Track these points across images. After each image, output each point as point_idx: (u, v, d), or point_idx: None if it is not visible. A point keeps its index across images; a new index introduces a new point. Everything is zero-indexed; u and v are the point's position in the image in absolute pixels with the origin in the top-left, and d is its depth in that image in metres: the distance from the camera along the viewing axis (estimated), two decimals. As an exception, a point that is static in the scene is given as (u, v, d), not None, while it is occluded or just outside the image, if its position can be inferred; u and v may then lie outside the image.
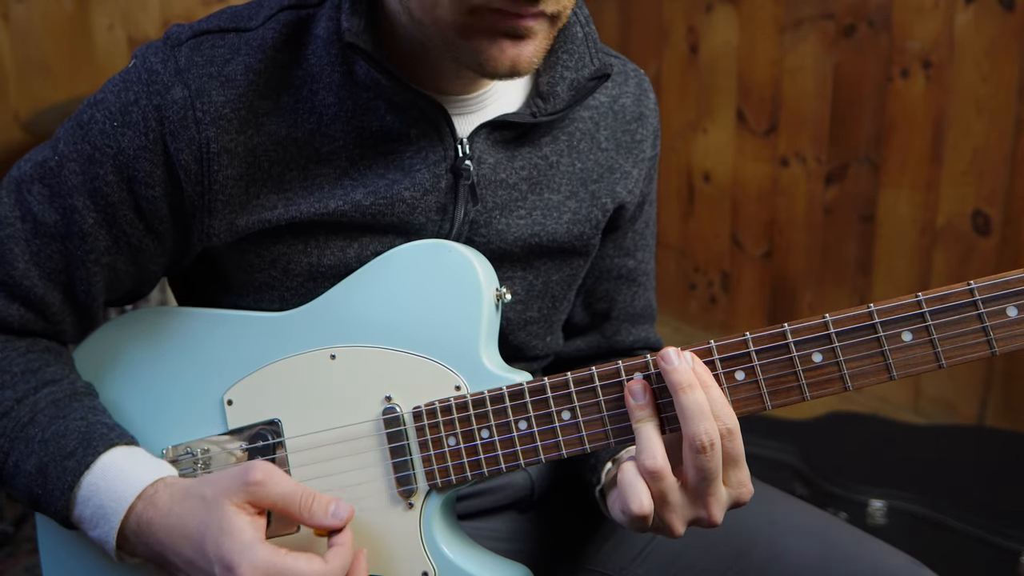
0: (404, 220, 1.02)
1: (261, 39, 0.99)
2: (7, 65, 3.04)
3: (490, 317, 0.99)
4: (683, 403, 0.86)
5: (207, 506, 0.91)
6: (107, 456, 0.97)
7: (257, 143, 0.98)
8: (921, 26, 2.59)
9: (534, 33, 0.91)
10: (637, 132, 1.16)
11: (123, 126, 0.97)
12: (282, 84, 0.99)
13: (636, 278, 1.24)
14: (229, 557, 0.87)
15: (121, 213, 0.99)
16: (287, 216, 1.00)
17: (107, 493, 0.95)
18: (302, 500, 0.90)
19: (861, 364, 0.87)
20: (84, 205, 0.99)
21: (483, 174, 1.04)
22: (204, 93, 0.96)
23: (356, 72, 0.99)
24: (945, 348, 0.85)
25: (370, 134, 1.00)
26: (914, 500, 2.10)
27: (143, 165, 0.97)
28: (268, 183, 1.00)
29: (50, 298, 1.03)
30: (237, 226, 1.00)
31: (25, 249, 1.00)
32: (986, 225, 2.53)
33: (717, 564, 1.11)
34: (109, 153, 0.97)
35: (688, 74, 3.32)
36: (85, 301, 1.04)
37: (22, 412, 0.99)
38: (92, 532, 0.96)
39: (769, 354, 0.89)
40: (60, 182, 0.99)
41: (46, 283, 1.01)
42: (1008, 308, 0.84)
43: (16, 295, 1.02)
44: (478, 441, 0.95)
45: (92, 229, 1.00)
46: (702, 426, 0.86)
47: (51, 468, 0.96)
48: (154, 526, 0.93)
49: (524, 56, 0.91)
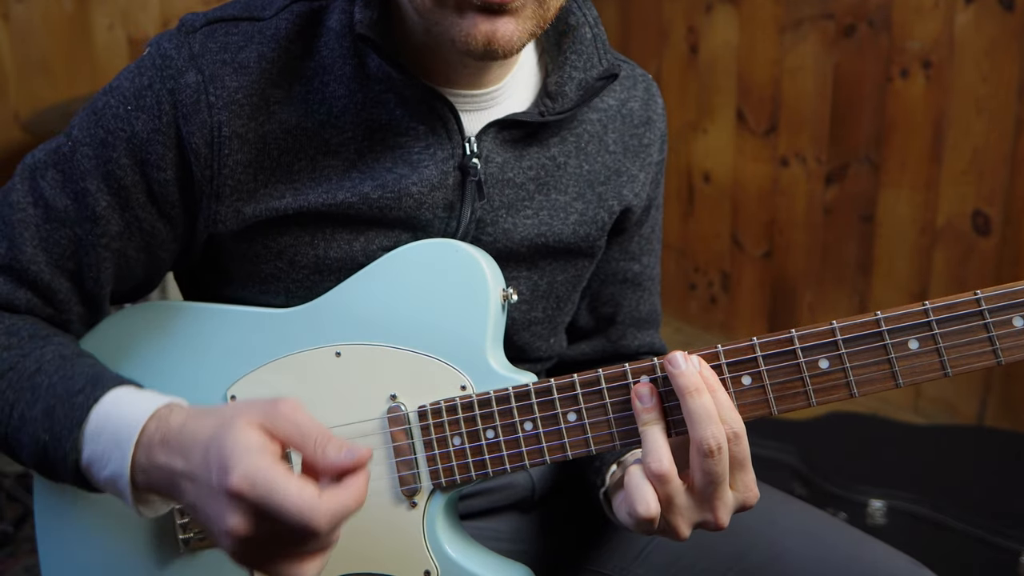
0: (411, 215, 1.02)
1: (275, 29, 1.00)
2: (7, 65, 3.04)
3: (496, 318, 0.99)
4: (690, 407, 0.86)
5: (222, 421, 0.83)
6: (116, 391, 0.92)
7: (268, 131, 0.99)
8: (921, 26, 2.59)
9: (513, 10, 0.89)
10: (645, 136, 1.16)
11: (137, 110, 0.98)
12: (294, 74, 1.00)
13: (641, 283, 1.24)
14: (228, 460, 0.79)
15: (134, 197, 0.99)
16: (295, 206, 1.00)
17: (118, 421, 0.89)
18: (318, 438, 0.81)
19: (867, 371, 0.87)
20: (97, 188, 0.99)
21: (491, 173, 1.04)
22: (217, 78, 0.97)
23: (367, 65, 1.00)
24: (951, 357, 0.86)
25: (379, 127, 1.01)
26: (914, 500, 2.10)
27: (156, 148, 0.98)
28: (277, 172, 1.00)
29: (57, 284, 1.01)
30: (244, 214, 1.00)
31: (35, 234, 1.00)
32: (986, 225, 2.53)
33: (717, 564, 1.11)
34: (123, 136, 0.98)
35: (688, 74, 3.32)
36: (93, 289, 1.03)
37: (28, 364, 0.96)
38: (103, 472, 0.89)
39: (776, 360, 0.89)
40: (73, 167, 0.99)
41: (53, 269, 1.01)
42: (1014, 318, 0.84)
43: (23, 280, 1.00)
44: (483, 441, 0.95)
45: (105, 212, 0.99)
46: (709, 430, 0.86)
47: (59, 408, 0.91)
48: (168, 442, 0.86)
49: (500, 33, 0.89)
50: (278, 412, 0.82)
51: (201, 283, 1.12)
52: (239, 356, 1.02)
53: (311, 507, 0.77)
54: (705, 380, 0.87)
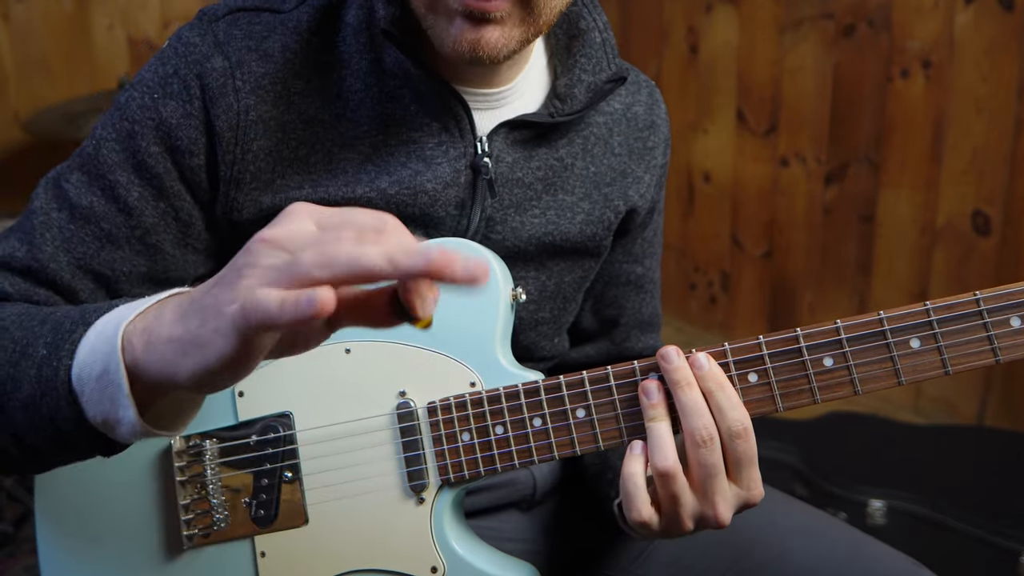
0: (425, 212, 1.03)
1: (296, 21, 1.01)
2: (7, 65, 3.04)
3: (506, 316, 1.00)
4: (682, 400, 0.88)
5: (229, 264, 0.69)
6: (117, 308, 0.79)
7: (288, 120, 0.99)
8: (921, 26, 2.60)
9: (497, 19, 0.90)
10: (649, 139, 1.17)
11: (164, 97, 0.97)
12: (314, 67, 1.00)
13: (644, 285, 1.25)
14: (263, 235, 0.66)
15: (167, 184, 0.98)
16: (314, 197, 1.00)
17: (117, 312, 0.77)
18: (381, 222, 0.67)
19: (871, 369, 0.89)
20: (128, 180, 0.98)
21: (500, 172, 1.05)
22: (244, 64, 0.97)
23: (384, 60, 1.00)
24: (951, 355, 0.88)
25: (394, 121, 1.01)
26: (914, 500, 2.10)
27: (188, 132, 0.97)
28: (294, 163, 1.00)
29: (79, 284, 0.98)
30: (262, 204, 1.00)
31: (57, 235, 0.97)
32: (986, 225, 2.54)
33: (717, 565, 1.12)
34: (150, 125, 0.97)
35: (688, 74, 3.32)
36: (119, 291, 1.00)
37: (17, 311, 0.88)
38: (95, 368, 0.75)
39: (782, 357, 0.90)
40: (99, 163, 0.98)
41: (75, 270, 0.98)
42: (1012, 318, 0.87)
43: (42, 280, 0.98)
44: (492, 437, 0.95)
45: (137, 204, 0.98)
46: (700, 421, 0.88)
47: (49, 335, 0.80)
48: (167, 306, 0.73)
49: (484, 40, 0.90)
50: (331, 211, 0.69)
51: None
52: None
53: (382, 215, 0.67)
54: (713, 376, 0.89)
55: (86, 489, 1.06)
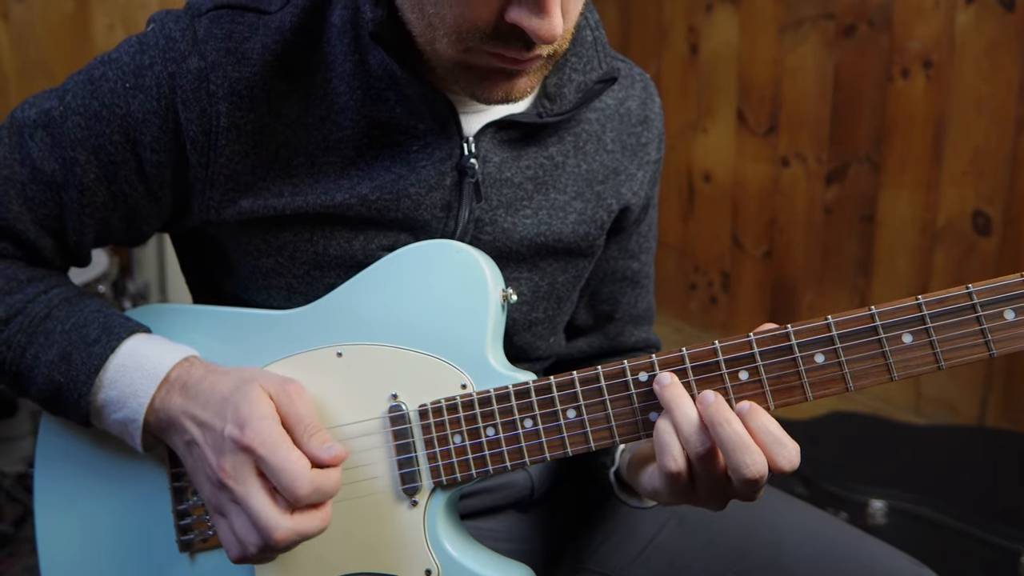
0: (409, 216, 1.02)
1: (280, 22, 1.00)
2: (7, 65, 3.04)
3: (496, 317, 0.99)
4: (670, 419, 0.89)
5: (243, 380, 0.93)
6: (131, 341, 0.99)
7: (267, 123, 0.99)
8: (921, 26, 2.59)
9: (529, 71, 0.92)
10: (642, 135, 1.16)
11: (135, 88, 0.98)
12: (298, 68, 1.00)
13: (639, 280, 1.25)
14: (245, 418, 0.89)
15: (123, 174, 1.00)
16: (293, 205, 1.00)
17: (136, 372, 0.97)
18: (308, 427, 0.91)
19: (863, 364, 0.88)
20: (87, 160, 1.00)
21: (488, 172, 1.04)
22: (219, 67, 0.97)
23: (368, 62, 1.00)
24: (944, 350, 0.87)
25: (378, 124, 1.01)
26: (914, 500, 2.10)
27: (150, 130, 0.98)
28: (275, 166, 1.00)
29: (42, 242, 1.04)
30: (242, 207, 1.00)
31: (20, 192, 1.01)
32: (986, 225, 2.53)
33: (717, 564, 1.11)
34: (118, 113, 0.98)
35: (688, 74, 3.32)
36: (75, 247, 1.06)
37: (37, 308, 1.01)
38: (115, 415, 0.98)
39: (773, 355, 0.89)
40: (63, 134, 1.00)
41: (38, 228, 1.03)
42: (1005, 311, 0.86)
43: (9, 236, 1.03)
44: (483, 439, 0.95)
45: (92, 184, 1.01)
46: (674, 449, 0.88)
47: (75, 354, 0.98)
48: (187, 389, 0.95)
49: (517, 88, 0.93)
50: (285, 391, 0.92)
51: (209, 278, 1.13)
52: (241, 358, 1.02)
53: (302, 473, 0.88)
54: (720, 412, 0.87)
55: (86, 491, 1.06)
